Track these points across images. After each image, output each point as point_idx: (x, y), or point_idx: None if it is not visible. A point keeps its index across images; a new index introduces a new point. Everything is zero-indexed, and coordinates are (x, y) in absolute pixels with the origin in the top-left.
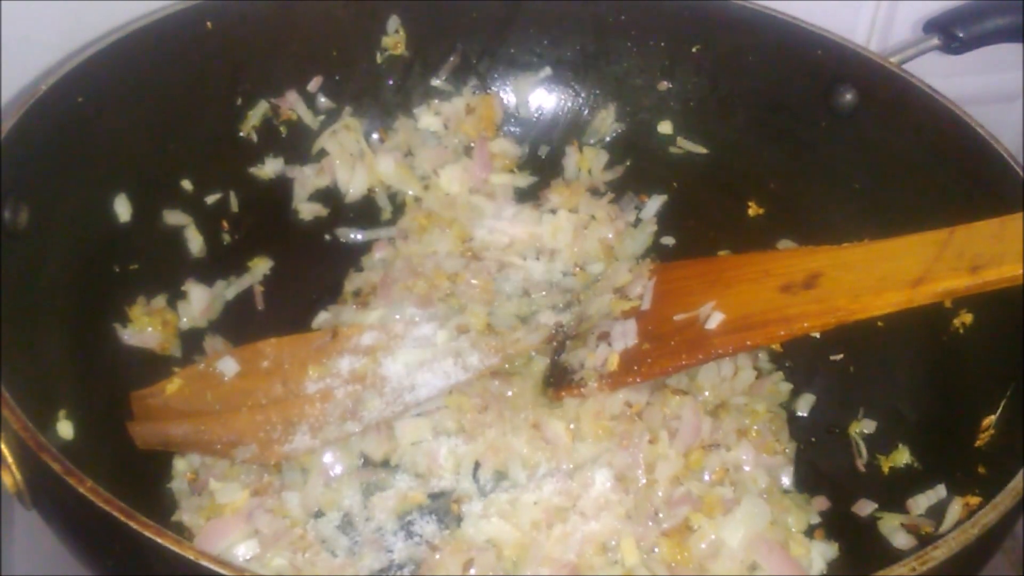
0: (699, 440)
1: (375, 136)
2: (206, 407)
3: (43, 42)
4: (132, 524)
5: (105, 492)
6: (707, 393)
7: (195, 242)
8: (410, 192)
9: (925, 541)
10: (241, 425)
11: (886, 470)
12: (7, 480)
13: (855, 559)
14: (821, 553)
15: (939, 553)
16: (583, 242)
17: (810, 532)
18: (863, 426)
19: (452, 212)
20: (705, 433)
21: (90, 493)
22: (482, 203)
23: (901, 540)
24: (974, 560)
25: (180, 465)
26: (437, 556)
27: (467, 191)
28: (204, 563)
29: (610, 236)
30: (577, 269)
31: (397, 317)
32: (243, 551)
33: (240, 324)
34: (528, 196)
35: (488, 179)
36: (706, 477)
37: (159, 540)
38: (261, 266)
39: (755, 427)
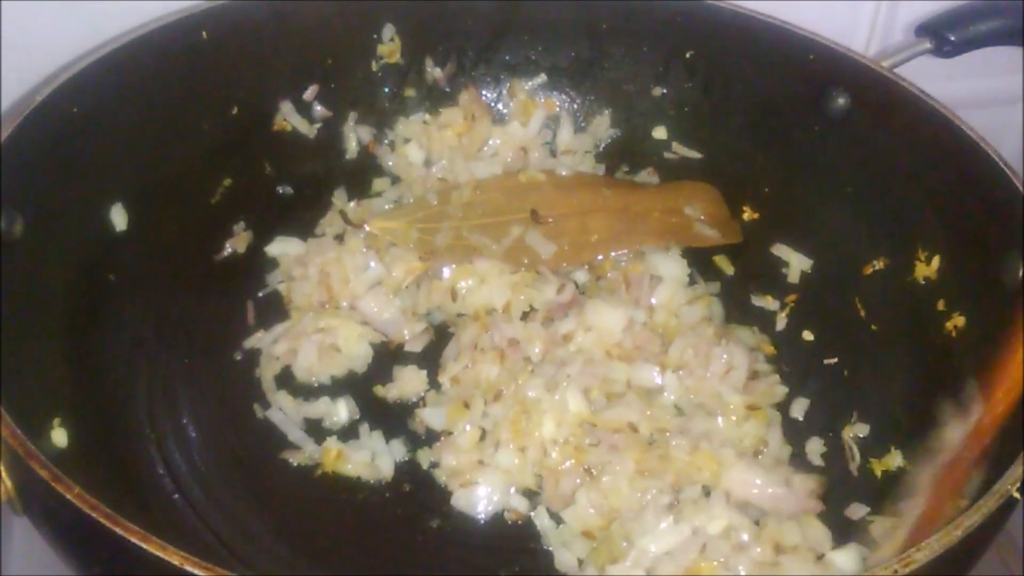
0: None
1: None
2: None
3: (41, 52)
4: (117, 530)
5: (91, 498)
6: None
7: None
8: None
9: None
10: None
11: (879, 474)
12: None
13: None
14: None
15: (921, 555)
16: None
17: None
18: (856, 430)
19: None
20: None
21: (77, 500)
22: None
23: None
24: (958, 562)
25: None
26: None
27: None
28: (188, 568)
29: None
30: None
31: None
32: None
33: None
34: None
35: None
36: None
37: (144, 545)
38: None
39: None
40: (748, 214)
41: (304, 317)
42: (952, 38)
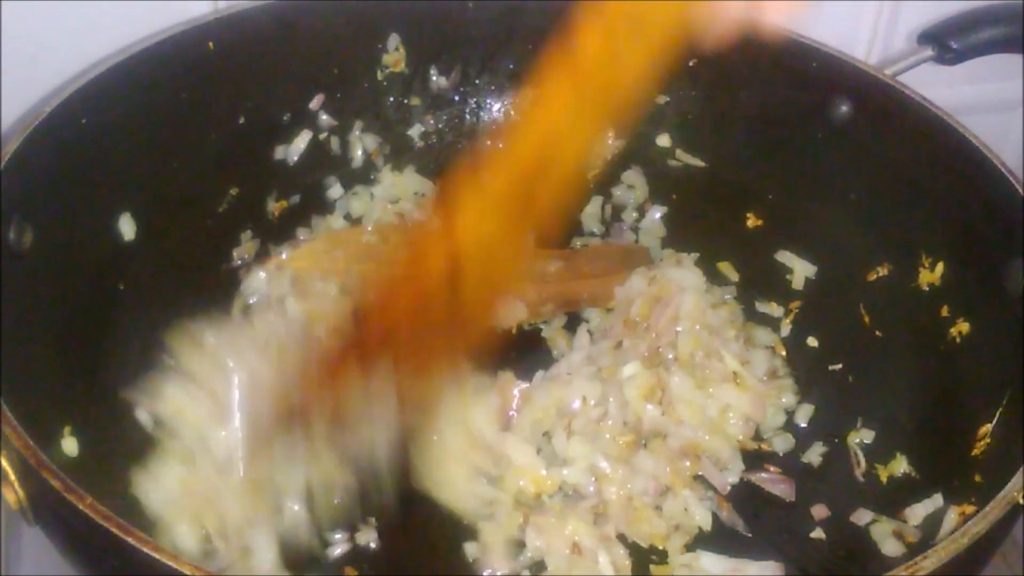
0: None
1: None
2: None
3: (49, 64)
4: (130, 540)
5: (104, 508)
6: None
7: None
8: None
9: (914, 548)
10: None
11: (884, 479)
12: (9, 497)
13: (855, 568)
14: None
15: (928, 563)
16: None
17: None
18: (862, 435)
19: None
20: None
21: (89, 510)
22: None
23: (890, 547)
24: (965, 569)
25: None
26: None
27: None
28: None
29: None
30: None
31: None
32: None
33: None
34: None
35: None
36: None
37: (156, 555)
38: None
39: None
40: (752, 221)
41: None
42: (954, 46)
